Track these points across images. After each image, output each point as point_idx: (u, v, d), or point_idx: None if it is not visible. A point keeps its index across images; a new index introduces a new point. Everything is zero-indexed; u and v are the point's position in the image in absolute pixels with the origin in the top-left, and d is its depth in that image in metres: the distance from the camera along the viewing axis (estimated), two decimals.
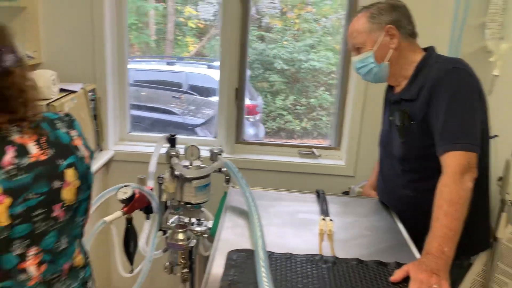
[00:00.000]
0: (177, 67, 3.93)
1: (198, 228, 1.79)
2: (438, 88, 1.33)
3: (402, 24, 1.46)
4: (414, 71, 1.45)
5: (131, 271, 1.76)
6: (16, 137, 1.00)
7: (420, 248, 1.28)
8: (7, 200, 0.96)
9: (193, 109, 3.71)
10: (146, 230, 1.80)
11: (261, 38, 2.58)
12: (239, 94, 2.37)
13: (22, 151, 0.99)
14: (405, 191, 1.49)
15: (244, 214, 1.46)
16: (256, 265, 1.11)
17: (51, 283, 1.06)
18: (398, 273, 1.11)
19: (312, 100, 2.46)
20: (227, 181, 1.77)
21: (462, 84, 1.32)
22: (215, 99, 2.51)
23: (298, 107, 2.46)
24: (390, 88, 1.60)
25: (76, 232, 1.12)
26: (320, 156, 2.38)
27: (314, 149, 2.41)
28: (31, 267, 1.02)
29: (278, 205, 1.55)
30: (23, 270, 1.00)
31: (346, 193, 2.27)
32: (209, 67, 3.65)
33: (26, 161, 0.99)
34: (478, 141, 1.29)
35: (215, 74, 2.47)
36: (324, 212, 1.45)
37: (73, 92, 2.03)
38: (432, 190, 1.35)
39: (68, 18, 2.19)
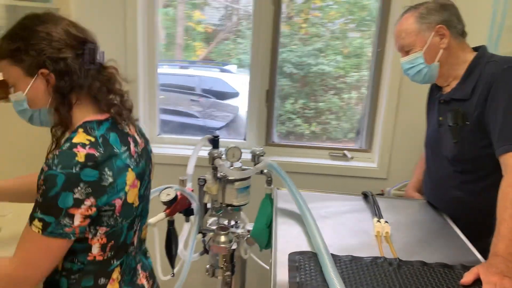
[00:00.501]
0: (190, 71, 3.94)
1: (239, 231, 1.77)
2: (494, 87, 1.32)
3: (453, 23, 1.45)
4: (466, 71, 1.43)
5: (173, 275, 1.74)
6: (128, 129, 1.13)
7: (477, 249, 1.27)
8: (138, 184, 1.10)
9: (213, 111, 3.70)
10: (185, 232, 1.79)
11: None
12: (269, 96, 2.36)
13: (135, 141, 1.13)
14: (456, 193, 1.47)
15: (294, 215, 1.44)
16: (323, 267, 1.10)
17: (138, 252, 1.24)
18: (468, 276, 1.09)
19: (320, 104, 2.47)
20: (269, 183, 1.75)
21: None
22: (231, 101, 2.53)
23: (306, 111, 2.47)
24: (437, 88, 1.58)
25: None
26: (353, 158, 2.36)
27: (346, 151, 2.39)
28: (135, 239, 1.18)
29: (326, 207, 1.53)
30: (132, 243, 1.16)
31: (379, 195, 2.25)
32: (222, 70, 3.66)
33: (139, 149, 1.14)
34: None
35: (228, 78, 2.49)
36: (377, 213, 1.44)
37: None
38: (485, 192, 1.34)
39: (101, 20, 2.19)
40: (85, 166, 0.96)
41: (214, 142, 1.73)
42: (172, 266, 1.74)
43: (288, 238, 1.30)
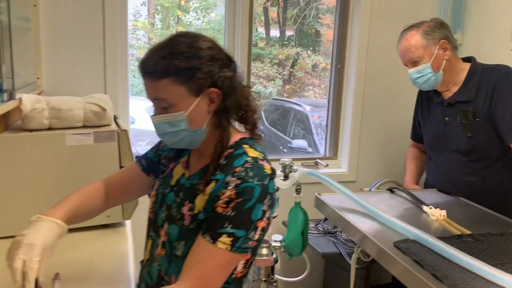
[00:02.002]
0: None
1: (276, 243, 1.79)
2: (499, 88, 1.65)
3: (450, 38, 1.76)
4: (467, 77, 1.75)
5: None
6: None
7: None
8: None
9: None
10: None
11: None
12: None
13: None
14: (470, 178, 1.76)
15: (350, 211, 1.54)
16: (434, 246, 1.22)
17: None
18: None
19: None
20: (298, 191, 1.82)
21: None
22: None
23: None
24: (435, 95, 1.86)
25: None
26: (328, 165, 2.55)
27: (318, 160, 2.57)
28: None
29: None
30: None
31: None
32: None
33: None
34: None
35: None
36: (421, 202, 1.63)
37: None
38: (493, 175, 1.65)
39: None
40: (271, 178, 0.96)
41: None
42: None
43: (372, 232, 1.40)
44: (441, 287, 1.07)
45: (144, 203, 1.49)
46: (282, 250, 1.81)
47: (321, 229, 2.27)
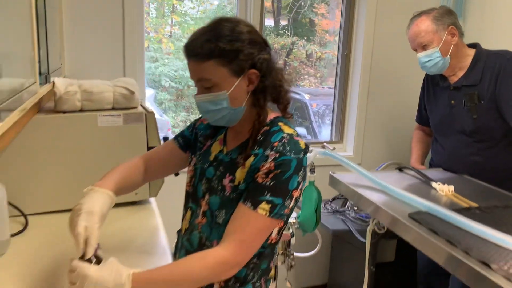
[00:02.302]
0: None
1: (291, 220, 1.89)
2: (503, 73, 1.75)
3: (457, 25, 1.86)
4: (472, 62, 1.85)
5: None
6: None
7: None
8: None
9: None
10: None
11: None
12: None
13: None
14: (475, 158, 1.87)
15: (363, 187, 1.65)
16: (446, 217, 1.33)
17: None
18: None
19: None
20: (312, 171, 1.91)
21: None
22: None
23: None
24: (442, 79, 1.96)
25: None
26: (335, 149, 2.65)
27: (325, 143, 2.67)
28: None
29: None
30: None
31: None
32: None
33: None
34: None
35: None
36: (430, 179, 1.73)
37: None
38: (497, 155, 1.77)
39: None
40: (305, 152, 1.05)
41: None
42: None
43: (387, 204, 1.51)
44: (455, 250, 1.18)
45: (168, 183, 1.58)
46: (296, 227, 1.91)
47: (330, 209, 2.38)
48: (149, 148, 1.60)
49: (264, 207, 1.00)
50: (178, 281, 1.01)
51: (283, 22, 3.07)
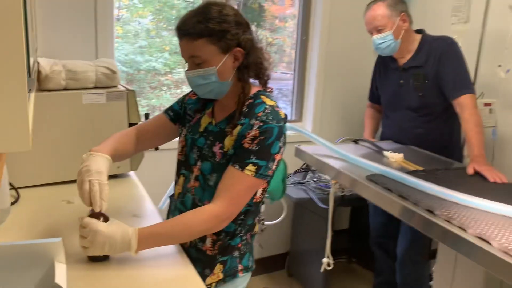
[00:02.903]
0: None
1: None
2: (444, 56, 2.02)
3: (408, 13, 2.10)
4: (419, 46, 2.10)
5: None
6: None
7: None
8: None
9: None
10: None
11: None
12: None
13: None
14: (419, 130, 2.14)
15: (326, 156, 1.86)
16: (397, 177, 1.57)
17: None
18: (470, 170, 1.74)
19: (153, 100, 2.60)
20: None
21: (459, 52, 2.03)
22: None
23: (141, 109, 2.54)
24: (391, 61, 2.20)
25: None
26: None
27: None
28: None
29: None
30: None
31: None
32: None
33: None
34: None
35: None
36: (382, 148, 1.98)
37: None
38: (437, 128, 2.05)
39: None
40: (285, 121, 1.22)
41: None
42: None
43: (347, 169, 1.73)
44: (406, 203, 1.41)
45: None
46: (265, 195, 2.10)
47: (292, 181, 2.59)
48: (130, 124, 1.71)
49: (250, 168, 1.16)
50: (178, 233, 1.16)
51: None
